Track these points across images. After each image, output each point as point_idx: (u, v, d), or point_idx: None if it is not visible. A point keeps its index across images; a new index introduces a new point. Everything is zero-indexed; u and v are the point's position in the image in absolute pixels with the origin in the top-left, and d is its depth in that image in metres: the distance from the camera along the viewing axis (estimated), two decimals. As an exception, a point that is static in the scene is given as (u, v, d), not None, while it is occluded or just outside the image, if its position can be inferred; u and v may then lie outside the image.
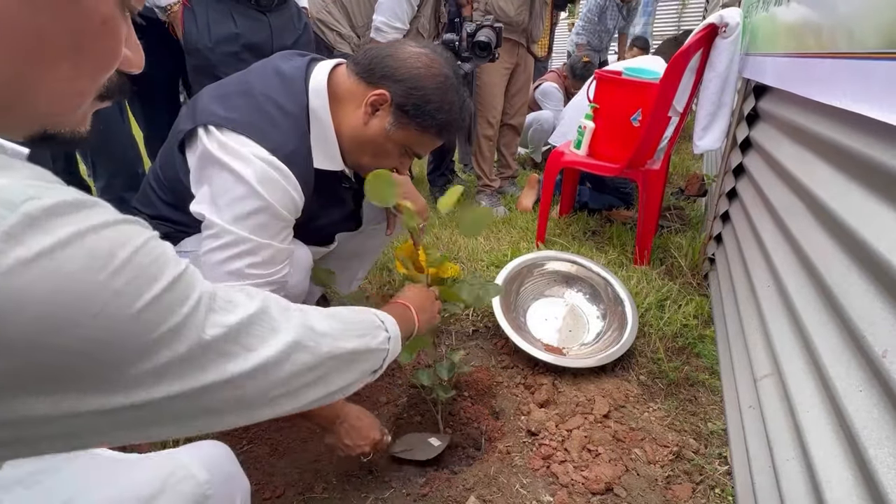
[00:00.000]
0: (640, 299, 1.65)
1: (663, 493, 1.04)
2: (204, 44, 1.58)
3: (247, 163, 0.85)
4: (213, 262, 0.87)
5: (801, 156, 1.13)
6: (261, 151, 0.87)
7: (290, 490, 1.04)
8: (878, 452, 0.59)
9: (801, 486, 0.76)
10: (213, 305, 0.43)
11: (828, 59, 0.93)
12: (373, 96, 0.91)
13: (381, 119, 0.94)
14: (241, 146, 0.86)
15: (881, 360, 0.61)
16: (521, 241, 2.21)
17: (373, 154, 0.99)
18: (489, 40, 2.15)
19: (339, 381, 0.59)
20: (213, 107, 0.91)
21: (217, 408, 0.44)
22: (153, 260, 0.37)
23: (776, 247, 1.16)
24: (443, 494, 1.03)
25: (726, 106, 1.69)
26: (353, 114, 0.95)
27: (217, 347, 0.43)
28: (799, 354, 0.91)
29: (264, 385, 0.48)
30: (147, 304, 0.36)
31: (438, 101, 0.92)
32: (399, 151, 0.99)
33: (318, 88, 0.94)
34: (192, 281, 0.41)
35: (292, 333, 0.51)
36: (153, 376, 0.37)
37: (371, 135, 0.95)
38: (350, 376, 0.61)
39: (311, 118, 0.94)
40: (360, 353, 0.62)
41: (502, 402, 1.30)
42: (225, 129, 0.87)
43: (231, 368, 0.44)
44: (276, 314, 0.51)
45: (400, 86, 0.91)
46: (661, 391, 1.35)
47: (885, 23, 0.72)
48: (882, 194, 0.74)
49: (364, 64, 0.93)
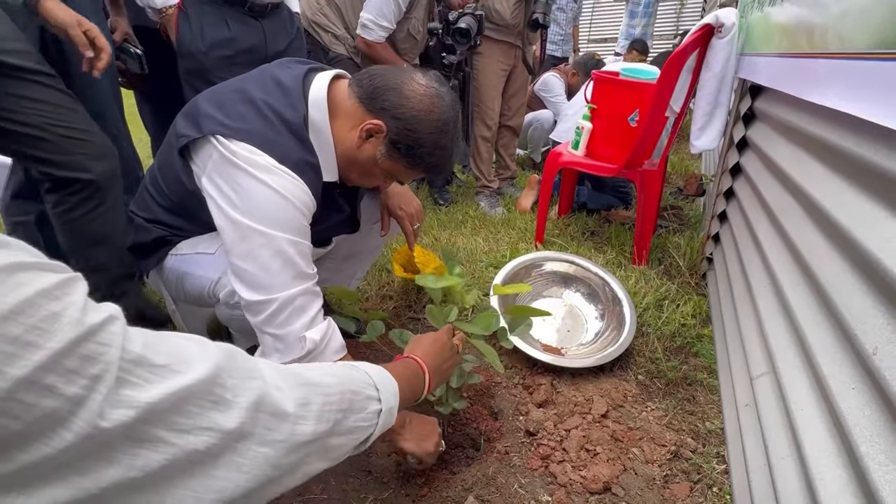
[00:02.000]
0: (639, 299, 1.66)
1: (661, 493, 1.05)
2: (197, 47, 1.58)
3: (267, 171, 0.88)
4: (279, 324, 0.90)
5: (795, 155, 1.14)
6: (271, 160, 0.89)
7: (288, 491, 1.04)
8: (869, 449, 0.60)
9: (795, 484, 0.76)
10: (127, 377, 0.34)
11: (819, 59, 0.93)
12: (369, 124, 0.92)
13: (373, 146, 0.95)
14: (254, 155, 0.88)
15: (871, 357, 0.62)
16: (520, 242, 2.21)
17: (360, 173, 1.02)
18: (468, 27, 2.16)
19: (302, 471, 0.51)
20: (216, 114, 0.91)
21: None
22: (40, 320, 0.30)
23: (772, 246, 1.17)
24: (441, 495, 1.03)
25: (723, 106, 1.70)
26: (347, 133, 0.96)
27: (125, 433, 0.33)
28: (793, 353, 0.91)
29: (200, 486, 0.38)
30: (14, 382, 0.28)
31: (431, 147, 0.94)
32: (384, 175, 1.02)
33: (318, 100, 0.95)
34: (98, 348, 0.32)
35: (244, 412, 0.41)
36: (31, 473, 0.29)
37: (361, 158, 0.97)
38: (319, 465, 0.53)
39: (311, 129, 0.95)
40: (336, 435, 0.54)
41: (501, 402, 1.31)
42: (233, 139, 0.89)
43: (144, 463, 0.34)
44: (231, 379, 0.41)
45: (397, 123, 0.92)
46: (660, 391, 1.36)
47: (875, 23, 0.72)
48: (873, 194, 0.75)
49: (367, 88, 0.94)
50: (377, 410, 0.61)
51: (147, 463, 0.34)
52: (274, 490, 0.49)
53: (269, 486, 0.47)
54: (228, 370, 0.42)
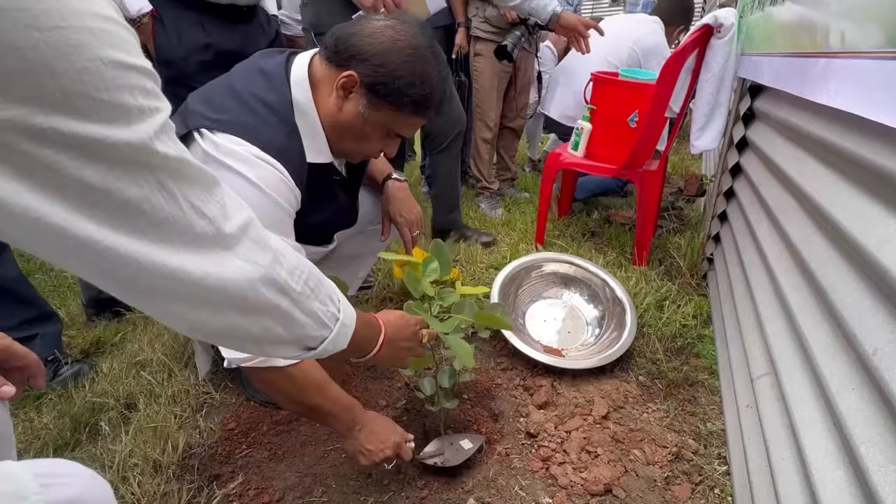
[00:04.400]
0: (639, 300, 1.65)
1: (662, 494, 1.05)
2: (175, 54, 1.55)
3: (245, 162, 0.86)
4: None
5: (795, 155, 1.13)
6: (253, 149, 0.87)
7: (289, 494, 1.05)
8: (869, 450, 0.60)
9: (795, 485, 0.76)
10: (171, 133, 0.41)
11: (820, 58, 0.93)
12: (342, 79, 0.89)
13: (354, 102, 0.91)
14: (235, 146, 0.87)
15: (871, 358, 0.61)
16: (521, 243, 2.21)
17: (353, 139, 0.97)
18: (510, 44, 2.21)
19: (264, 325, 0.53)
20: (202, 109, 0.91)
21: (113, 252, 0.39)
22: (133, 45, 0.37)
23: (772, 245, 1.17)
24: (442, 497, 1.03)
25: (722, 106, 1.70)
26: (328, 99, 0.93)
27: (160, 167, 0.40)
28: (794, 353, 0.91)
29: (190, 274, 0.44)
30: (112, 62, 0.35)
31: (408, 76, 0.88)
32: (380, 134, 0.97)
33: (299, 80, 0.93)
34: (162, 100, 0.40)
35: (236, 227, 0.47)
36: (72, 142, 0.34)
37: (347, 119, 0.93)
38: (278, 330, 0.55)
39: (296, 112, 0.93)
40: (300, 310, 0.57)
41: (501, 404, 1.31)
42: (217, 130, 0.88)
43: (164, 210, 0.41)
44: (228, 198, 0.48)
45: (366, 65, 0.88)
46: (661, 392, 1.35)
47: (877, 22, 0.72)
48: (872, 194, 0.75)
49: (331, 47, 0.91)
50: (335, 316, 0.63)
51: (155, 208, 0.40)
52: (236, 334, 0.52)
53: (233, 318, 0.50)
54: (226, 190, 0.48)
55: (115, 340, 1.57)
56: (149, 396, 1.28)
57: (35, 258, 2.24)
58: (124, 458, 1.08)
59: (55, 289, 1.98)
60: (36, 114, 0.32)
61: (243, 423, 1.23)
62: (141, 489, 1.01)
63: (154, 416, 1.19)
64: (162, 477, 1.05)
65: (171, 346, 1.46)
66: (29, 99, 0.32)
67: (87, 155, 0.35)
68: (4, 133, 0.32)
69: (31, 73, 0.31)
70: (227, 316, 0.49)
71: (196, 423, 1.21)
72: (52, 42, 0.32)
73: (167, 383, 1.32)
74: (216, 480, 1.07)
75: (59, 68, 0.32)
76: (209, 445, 1.16)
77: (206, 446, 1.15)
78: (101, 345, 1.58)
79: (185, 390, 1.30)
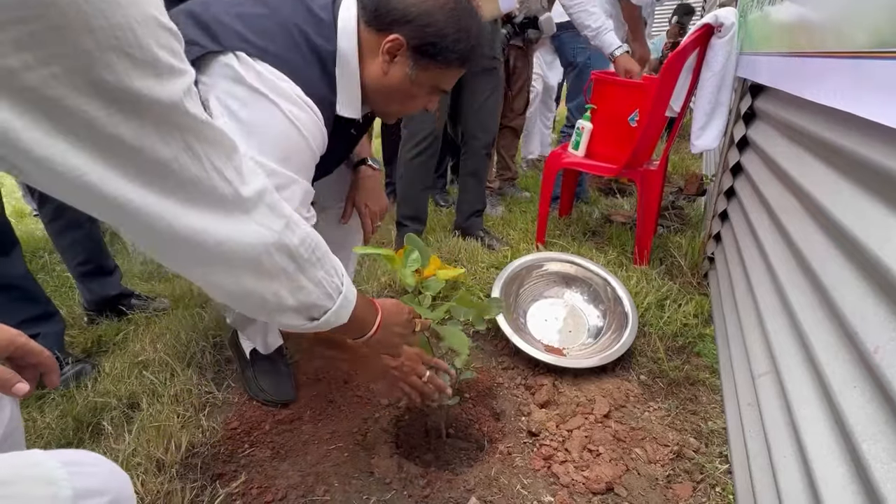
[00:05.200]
0: (640, 299, 1.65)
1: (664, 493, 1.05)
2: None
3: (289, 99, 0.83)
4: None
5: (795, 154, 1.14)
6: (297, 89, 0.84)
7: (291, 493, 1.05)
8: (871, 448, 0.60)
9: (797, 483, 0.76)
10: (195, 99, 0.42)
11: (819, 58, 0.93)
12: (387, 43, 0.88)
13: (400, 66, 0.90)
14: (280, 81, 0.83)
15: (872, 355, 0.62)
16: (521, 243, 2.22)
17: (401, 101, 0.97)
18: None
19: (273, 289, 0.56)
20: (240, 28, 0.84)
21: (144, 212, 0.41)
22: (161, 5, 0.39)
23: (773, 244, 1.17)
24: (444, 496, 1.04)
25: (723, 105, 1.70)
26: (372, 63, 0.91)
27: (188, 129, 0.41)
28: (795, 351, 0.91)
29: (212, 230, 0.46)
30: (145, 19, 0.36)
31: (455, 32, 0.88)
32: (426, 92, 0.96)
33: (348, 29, 0.90)
34: (186, 63, 0.42)
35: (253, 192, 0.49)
36: (109, 97, 0.36)
37: (395, 83, 0.92)
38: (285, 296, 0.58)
39: (339, 62, 0.90)
40: (307, 277, 0.59)
41: (503, 403, 1.31)
42: (260, 60, 0.83)
43: (190, 170, 0.43)
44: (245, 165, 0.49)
45: (411, 27, 0.87)
46: (662, 390, 1.35)
47: (875, 22, 0.72)
48: (873, 192, 0.75)
49: (371, 10, 0.89)
50: (338, 288, 0.65)
51: (183, 168, 0.42)
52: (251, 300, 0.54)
53: (249, 281, 0.52)
54: (243, 156, 0.50)
55: (117, 340, 1.58)
56: (151, 396, 1.28)
57: (37, 259, 2.25)
58: (127, 458, 1.08)
59: (57, 289, 1.98)
60: (76, 69, 0.34)
61: (246, 423, 1.23)
62: (144, 488, 1.01)
63: (157, 416, 1.20)
64: (165, 476, 1.05)
65: (174, 345, 1.47)
66: (68, 55, 0.33)
67: (123, 111, 0.37)
68: (48, 88, 0.33)
69: (69, 28, 0.33)
70: (243, 279, 0.52)
71: (199, 423, 1.21)
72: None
73: (170, 383, 1.33)
74: (219, 479, 1.07)
75: (96, 24, 0.34)
76: (212, 444, 1.16)
77: (209, 445, 1.15)
78: (103, 344, 1.58)
79: (187, 390, 1.30)
